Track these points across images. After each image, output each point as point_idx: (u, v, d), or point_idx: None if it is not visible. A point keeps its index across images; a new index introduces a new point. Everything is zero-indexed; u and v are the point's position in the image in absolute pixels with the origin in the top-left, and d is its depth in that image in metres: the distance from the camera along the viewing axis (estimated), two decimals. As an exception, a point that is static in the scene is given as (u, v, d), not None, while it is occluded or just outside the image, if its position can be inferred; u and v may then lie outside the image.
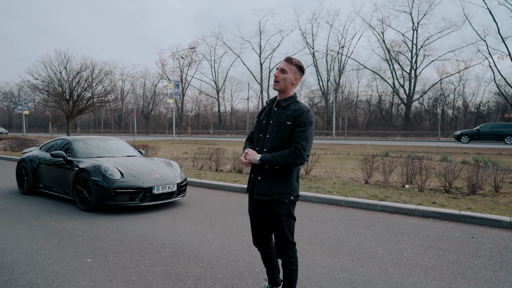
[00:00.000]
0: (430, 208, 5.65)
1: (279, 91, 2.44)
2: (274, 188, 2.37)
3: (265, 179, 2.40)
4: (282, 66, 2.40)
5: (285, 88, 2.42)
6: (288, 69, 2.39)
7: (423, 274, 3.31)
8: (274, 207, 2.39)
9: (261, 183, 2.41)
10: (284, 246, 2.42)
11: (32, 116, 77.85)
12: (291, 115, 2.37)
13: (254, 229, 2.61)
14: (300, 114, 2.35)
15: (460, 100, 53.07)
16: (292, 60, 2.40)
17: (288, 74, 2.39)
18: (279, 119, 2.40)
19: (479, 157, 13.31)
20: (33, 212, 5.59)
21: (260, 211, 2.50)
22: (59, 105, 25.45)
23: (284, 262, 2.43)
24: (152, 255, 3.71)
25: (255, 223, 2.58)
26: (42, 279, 3.09)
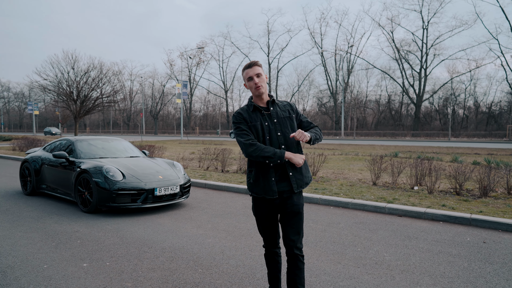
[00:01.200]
0: (439, 211, 5.45)
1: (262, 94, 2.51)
2: (306, 175, 2.55)
3: (296, 171, 2.48)
4: (257, 71, 2.47)
5: (266, 89, 2.54)
6: (261, 71, 2.49)
7: (432, 283, 3.14)
8: (301, 195, 2.53)
9: (296, 176, 2.47)
10: (300, 240, 2.49)
11: (42, 116, 78.93)
12: (290, 109, 2.59)
13: (273, 230, 2.59)
14: (295, 107, 2.67)
15: (471, 99, 52.17)
16: (257, 62, 2.52)
17: (262, 75, 2.49)
18: (283, 115, 2.53)
19: (491, 158, 12.98)
20: (34, 213, 5.55)
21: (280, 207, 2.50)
22: (67, 105, 25.66)
23: (297, 258, 2.46)
24: (150, 260, 3.60)
25: (275, 223, 2.58)
26: (34, 285, 3.00)
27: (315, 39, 57.36)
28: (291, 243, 2.45)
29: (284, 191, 2.45)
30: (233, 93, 69.54)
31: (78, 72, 26.14)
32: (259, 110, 2.51)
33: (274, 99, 2.56)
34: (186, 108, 68.86)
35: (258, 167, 2.48)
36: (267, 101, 2.54)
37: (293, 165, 2.46)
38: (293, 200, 2.47)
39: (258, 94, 2.48)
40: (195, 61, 65.77)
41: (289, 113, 2.55)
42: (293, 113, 2.57)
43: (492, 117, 49.57)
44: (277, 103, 2.58)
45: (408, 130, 49.02)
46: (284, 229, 2.50)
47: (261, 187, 2.46)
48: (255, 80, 2.45)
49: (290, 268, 2.49)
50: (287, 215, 2.48)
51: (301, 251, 2.48)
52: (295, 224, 2.47)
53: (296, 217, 2.47)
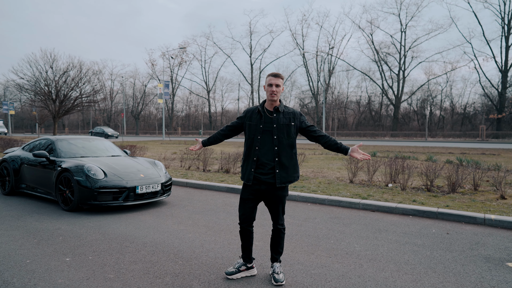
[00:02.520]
0: (409, 206, 5.78)
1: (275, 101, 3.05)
2: (292, 175, 3.07)
3: (282, 170, 3.01)
4: (277, 82, 3.02)
5: (279, 98, 3.08)
6: (281, 83, 3.05)
7: (396, 269, 3.41)
8: (284, 189, 3.07)
9: (281, 173, 3.00)
10: (281, 217, 3.17)
11: (18, 116, 76.48)
12: (292, 117, 3.08)
13: (248, 211, 3.12)
14: (300, 116, 3.14)
15: (448, 101, 53.97)
16: (282, 75, 3.07)
17: (281, 87, 3.04)
18: (284, 122, 3.04)
19: (463, 157, 13.60)
20: (13, 212, 5.55)
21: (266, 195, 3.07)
22: (45, 105, 25.10)
23: (279, 230, 3.16)
24: (132, 254, 3.74)
25: (252, 206, 3.12)
26: (18, 278, 3.09)
27: (296, 40, 58.03)
28: (275, 221, 3.16)
29: (269, 183, 3.01)
30: (215, 94, 69.47)
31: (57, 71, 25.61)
32: (260, 114, 3.06)
33: (278, 108, 3.05)
34: (168, 109, 68.26)
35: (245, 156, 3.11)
36: (275, 107, 3.06)
37: (280, 163, 2.99)
38: (280, 191, 3.05)
39: (271, 100, 3.03)
40: (177, 61, 65.33)
41: (289, 120, 3.05)
42: (293, 121, 3.06)
43: (466, 118, 51.42)
44: (282, 111, 3.07)
45: (388, 131, 50.25)
46: (270, 211, 3.16)
47: (244, 173, 3.08)
48: (273, 88, 3.00)
49: (274, 237, 3.18)
50: (272, 201, 3.09)
51: (282, 225, 3.18)
52: (279, 208, 3.12)
53: (280, 204, 3.10)
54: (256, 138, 3.03)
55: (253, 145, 3.05)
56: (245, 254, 3.21)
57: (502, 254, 3.84)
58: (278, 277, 3.05)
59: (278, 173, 2.98)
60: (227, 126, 3.32)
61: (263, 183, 3.02)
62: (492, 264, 3.55)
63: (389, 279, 3.18)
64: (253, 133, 3.05)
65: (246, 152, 3.11)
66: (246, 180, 3.06)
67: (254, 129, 3.05)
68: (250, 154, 3.07)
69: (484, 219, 5.09)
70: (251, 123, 3.08)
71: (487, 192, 7.14)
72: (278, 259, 3.19)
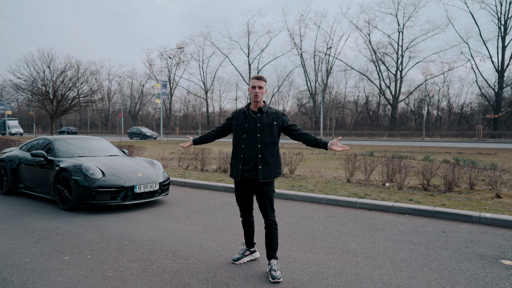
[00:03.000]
0: (406, 205, 5.83)
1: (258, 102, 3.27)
2: (274, 171, 3.26)
3: (265, 166, 3.20)
4: (260, 84, 3.24)
5: (262, 99, 3.29)
6: (264, 85, 3.27)
7: (391, 266, 3.45)
8: (268, 185, 3.24)
9: (263, 169, 3.19)
10: (270, 213, 3.31)
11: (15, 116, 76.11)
12: (275, 117, 3.28)
13: (245, 206, 3.43)
14: (282, 116, 3.33)
15: (445, 101, 54.19)
16: (264, 78, 3.30)
17: (263, 88, 3.27)
18: (266, 121, 3.24)
19: (460, 156, 13.68)
20: (12, 212, 5.56)
21: (253, 190, 3.30)
22: (42, 105, 25.04)
23: (271, 226, 3.30)
24: (130, 252, 3.76)
25: (246, 200, 3.40)
26: (17, 276, 3.11)
27: (294, 40, 58.09)
28: (264, 215, 3.32)
29: (253, 180, 3.22)
30: (213, 94, 69.51)
31: (54, 71, 25.55)
32: (245, 114, 3.28)
33: (262, 108, 3.26)
34: (166, 109, 68.17)
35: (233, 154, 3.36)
36: (259, 108, 3.27)
37: (263, 160, 3.19)
38: (264, 186, 3.23)
39: (255, 101, 3.25)
40: (175, 61, 65.25)
41: (272, 120, 3.25)
42: (275, 120, 3.26)
43: (463, 118, 51.64)
44: (265, 112, 3.27)
45: (385, 130, 50.39)
46: (259, 207, 3.32)
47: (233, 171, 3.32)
48: (256, 90, 3.22)
49: (267, 233, 3.32)
50: (259, 197, 3.28)
51: (273, 221, 3.31)
52: (266, 203, 3.27)
53: (266, 199, 3.26)
54: (242, 136, 3.26)
55: (239, 143, 3.27)
56: (248, 241, 3.55)
57: (496, 252, 3.89)
58: (275, 274, 3.10)
59: (261, 169, 3.19)
60: (217, 128, 3.56)
61: (248, 181, 3.25)
62: (486, 262, 3.59)
63: (385, 276, 3.22)
64: (239, 132, 3.28)
65: (234, 150, 3.35)
66: (234, 176, 3.29)
67: (240, 128, 3.29)
68: (237, 151, 3.30)
69: (480, 218, 5.14)
70: (237, 123, 3.32)
71: (483, 191, 7.20)
72: (275, 256, 3.28)
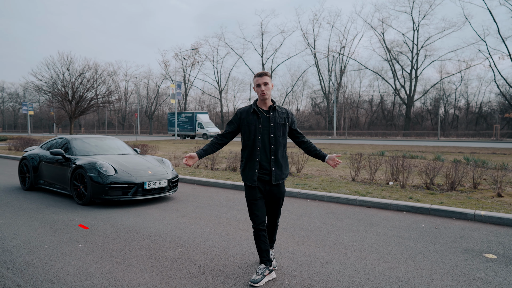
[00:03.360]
0: (404, 203, 6.01)
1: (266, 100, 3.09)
2: (285, 172, 3.18)
3: (277, 168, 3.11)
4: (265, 80, 3.04)
5: (270, 96, 3.10)
6: (268, 80, 3.06)
7: (377, 258, 3.68)
8: (282, 186, 3.19)
9: (276, 171, 3.09)
10: (279, 214, 3.34)
11: (37, 117, 78.81)
12: (286, 117, 3.17)
13: (261, 213, 3.13)
14: (292, 116, 3.23)
15: (463, 100, 53.15)
16: (267, 73, 3.09)
17: (269, 84, 3.07)
18: (280, 121, 3.11)
19: (472, 156, 13.59)
20: (33, 206, 6.03)
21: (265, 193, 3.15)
22: (62, 105, 26.01)
23: (274, 227, 3.38)
24: (137, 242, 4.12)
25: (262, 206, 3.15)
26: (37, 260, 3.51)
27: (308, 40, 58.09)
28: (274, 218, 3.31)
29: (266, 181, 3.09)
30: (227, 93, 70.06)
31: (73, 73, 26.51)
32: (257, 114, 3.06)
33: (275, 106, 3.11)
34: (181, 108, 69.22)
35: (246, 158, 3.11)
36: (270, 106, 3.10)
37: (276, 161, 3.08)
38: (278, 188, 3.14)
39: (263, 99, 3.07)
40: (190, 61, 66.21)
41: (284, 120, 3.14)
42: (287, 121, 3.16)
43: (482, 117, 50.51)
44: (277, 110, 3.12)
45: (400, 130, 49.82)
46: (269, 209, 3.24)
47: (248, 175, 3.09)
48: (262, 88, 3.02)
49: (268, 229, 3.34)
50: (271, 200, 3.18)
51: (277, 223, 3.40)
52: (277, 206, 3.23)
53: (279, 201, 3.20)
54: (257, 138, 3.03)
55: (254, 145, 3.03)
56: (266, 258, 3.12)
57: (482, 246, 4.06)
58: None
59: (274, 171, 3.06)
60: (221, 136, 3.21)
61: (263, 182, 3.08)
62: (469, 255, 3.78)
63: (369, 266, 3.46)
64: (253, 134, 3.04)
65: (248, 153, 3.07)
66: (250, 182, 3.05)
67: (254, 129, 3.04)
68: (252, 155, 3.04)
69: (474, 215, 5.29)
70: (249, 124, 3.06)
71: (486, 190, 7.28)
72: (272, 246, 3.47)
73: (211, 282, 3.08)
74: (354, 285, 3.04)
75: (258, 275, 3.06)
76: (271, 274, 3.15)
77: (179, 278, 3.15)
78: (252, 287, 2.99)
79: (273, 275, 3.17)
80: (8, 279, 3.08)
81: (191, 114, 39.89)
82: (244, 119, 3.10)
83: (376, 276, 3.22)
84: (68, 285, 2.98)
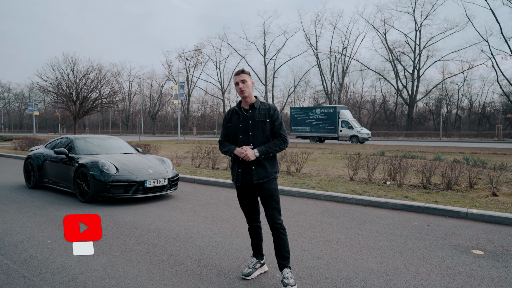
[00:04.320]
0: (398, 201, 6.13)
1: (246, 97, 3.06)
2: (269, 170, 3.05)
3: (259, 166, 3.01)
4: (242, 78, 3.01)
5: (250, 94, 3.07)
6: (247, 78, 3.04)
7: (367, 253, 3.82)
8: (268, 184, 3.05)
9: (257, 170, 3.01)
10: (277, 216, 3.08)
11: (42, 117, 79.50)
12: (267, 114, 3.06)
13: (249, 210, 3.20)
14: (274, 112, 3.08)
15: (465, 100, 53.00)
16: (244, 70, 3.07)
17: (247, 82, 3.04)
18: (259, 118, 3.03)
19: (473, 157, 13.64)
20: (37, 203, 6.22)
21: (255, 193, 3.10)
22: (66, 106, 26.32)
23: (278, 230, 3.06)
24: (136, 237, 4.28)
25: (249, 205, 3.17)
26: (41, 253, 3.68)
27: (310, 40, 58.17)
28: (269, 217, 3.07)
29: (248, 181, 3.04)
30: (230, 94, 70.23)
31: (77, 74, 26.81)
32: (238, 114, 3.08)
33: (254, 104, 3.05)
34: (184, 109, 69.53)
35: (233, 158, 3.12)
36: (250, 104, 3.08)
37: (256, 161, 3.00)
38: (264, 186, 3.04)
39: (242, 97, 3.06)
40: (193, 62, 66.54)
41: (264, 117, 3.04)
42: (268, 117, 3.05)
43: (484, 117, 50.33)
44: (257, 108, 3.06)
45: (402, 130, 49.76)
46: (264, 208, 3.12)
47: (233, 176, 3.14)
48: (240, 86, 3.01)
49: (275, 240, 3.08)
50: (262, 198, 3.08)
51: (280, 224, 3.06)
52: (270, 204, 3.06)
53: (269, 199, 3.05)
54: (238, 138, 3.06)
55: (237, 145, 3.06)
56: (256, 251, 3.25)
57: (471, 243, 4.18)
58: (288, 282, 2.92)
59: (254, 169, 3.01)
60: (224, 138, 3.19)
61: (247, 182, 3.05)
62: (457, 251, 3.90)
63: (358, 261, 3.60)
64: (235, 134, 3.09)
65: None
66: (235, 181, 3.10)
67: (235, 129, 3.09)
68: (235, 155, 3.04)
69: (467, 213, 5.40)
70: (231, 124, 3.12)
71: (482, 189, 7.37)
72: (287, 265, 3.03)
73: (205, 274, 3.23)
74: (342, 279, 3.18)
75: (250, 268, 3.21)
76: (262, 267, 3.28)
77: (175, 271, 3.30)
78: (244, 279, 3.14)
79: (265, 268, 3.30)
80: (13, 271, 3.25)
81: (332, 109, 30.25)
82: (229, 119, 3.15)
83: (364, 270, 3.36)
84: (70, 276, 3.15)
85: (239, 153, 2.98)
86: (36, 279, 3.10)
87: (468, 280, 3.16)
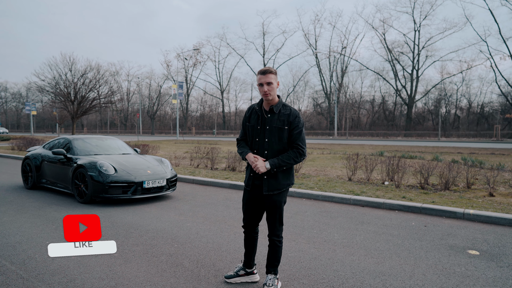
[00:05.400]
0: (396, 202, 6.16)
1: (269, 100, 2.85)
2: (282, 182, 2.86)
3: (271, 177, 2.82)
4: (268, 80, 2.77)
5: (274, 96, 2.85)
6: (273, 79, 2.79)
7: (364, 254, 3.84)
8: (279, 196, 2.88)
9: (269, 180, 2.83)
10: (277, 228, 2.94)
11: (39, 117, 79.29)
12: (286, 120, 2.82)
13: (250, 216, 3.00)
14: (294, 119, 2.82)
15: (464, 100, 53.14)
16: (272, 70, 2.82)
17: (273, 84, 2.80)
18: (276, 125, 2.81)
19: (471, 157, 13.69)
20: (35, 204, 6.22)
21: (262, 201, 2.91)
22: (64, 106, 26.27)
23: (274, 241, 2.94)
24: (135, 238, 4.29)
25: (253, 211, 2.98)
26: (39, 254, 3.69)
27: (309, 40, 58.25)
28: (270, 228, 2.95)
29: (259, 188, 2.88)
30: (229, 94, 70.26)
31: (75, 74, 26.77)
32: (257, 114, 2.89)
33: (273, 108, 2.83)
34: (182, 109, 69.48)
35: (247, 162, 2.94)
36: (270, 107, 2.84)
37: (269, 172, 2.80)
38: (273, 198, 2.86)
39: (266, 100, 2.84)
40: (192, 62, 66.48)
41: (283, 123, 2.80)
42: (286, 124, 2.80)
43: (483, 118, 50.49)
44: (276, 112, 2.83)
45: (401, 130, 49.88)
46: (266, 216, 2.97)
47: (245, 178, 3.00)
48: (265, 88, 2.76)
49: (269, 249, 2.99)
50: (268, 208, 2.90)
51: (278, 237, 2.94)
52: (274, 215, 2.89)
53: (275, 211, 2.88)
54: (254, 140, 2.89)
55: (252, 148, 2.90)
56: (246, 259, 3.11)
57: (467, 243, 4.21)
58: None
59: (266, 179, 2.83)
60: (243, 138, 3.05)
61: (257, 188, 2.89)
62: (453, 251, 3.93)
63: (355, 261, 3.62)
64: (252, 135, 2.91)
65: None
66: (246, 185, 2.96)
67: (252, 130, 2.91)
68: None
69: (463, 214, 5.43)
70: (250, 124, 2.93)
71: (479, 190, 7.41)
72: (273, 271, 2.98)
73: (203, 275, 3.25)
74: (339, 279, 3.20)
75: (232, 272, 3.15)
76: (249, 276, 3.13)
77: (173, 271, 3.32)
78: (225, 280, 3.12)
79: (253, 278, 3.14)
80: (11, 272, 3.26)
81: None
82: (248, 117, 2.98)
83: (361, 271, 3.38)
84: (68, 277, 3.16)
85: (250, 162, 2.83)
86: (35, 280, 3.12)
87: (463, 280, 3.19)
